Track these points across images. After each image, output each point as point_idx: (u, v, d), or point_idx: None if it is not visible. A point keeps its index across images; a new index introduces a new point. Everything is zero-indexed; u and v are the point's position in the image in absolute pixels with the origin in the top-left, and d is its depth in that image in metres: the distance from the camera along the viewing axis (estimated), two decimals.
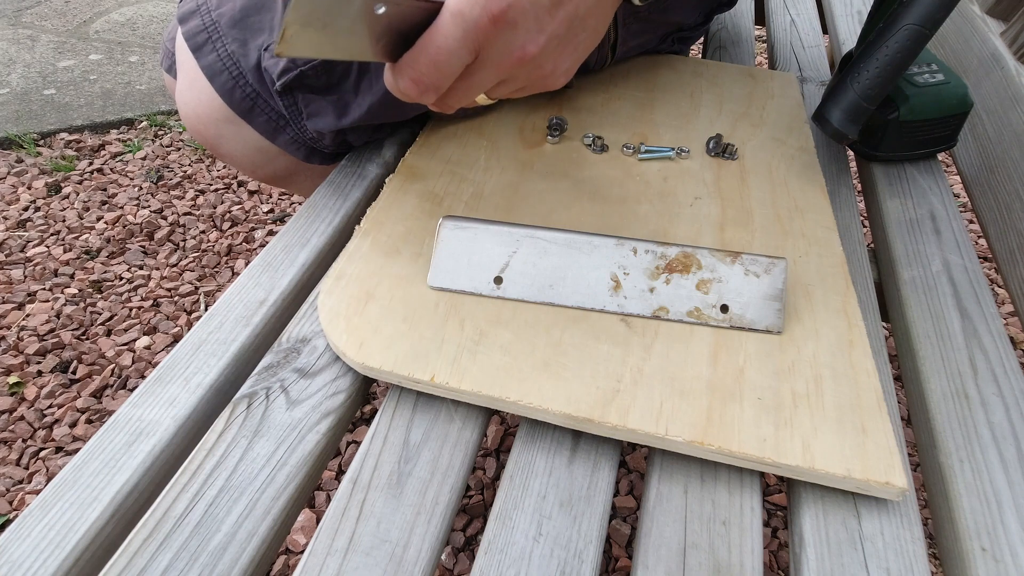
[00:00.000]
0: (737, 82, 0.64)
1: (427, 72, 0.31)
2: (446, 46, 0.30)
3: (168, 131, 1.49)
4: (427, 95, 0.32)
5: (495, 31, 0.31)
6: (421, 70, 0.31)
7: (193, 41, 0.50)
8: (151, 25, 1.91)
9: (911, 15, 0.44)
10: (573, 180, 0.49)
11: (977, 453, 0.35)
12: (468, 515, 0.79)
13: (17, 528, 0.30)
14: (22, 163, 1.36)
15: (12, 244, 1.16)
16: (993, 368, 0.39)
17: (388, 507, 0.32)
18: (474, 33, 0.31)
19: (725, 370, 0.36)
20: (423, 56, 0.30)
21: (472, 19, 0.30)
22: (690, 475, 0.34)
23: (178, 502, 0.31)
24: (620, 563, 0.74)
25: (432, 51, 0.30)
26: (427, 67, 0.31)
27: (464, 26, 0.30)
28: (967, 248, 0.48)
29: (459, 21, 0.30)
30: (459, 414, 0.36)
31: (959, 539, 0.31)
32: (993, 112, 0.62)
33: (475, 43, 0.31)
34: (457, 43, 0.30)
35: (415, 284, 0.40)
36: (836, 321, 0.39)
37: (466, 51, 0.31)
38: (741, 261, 0.38)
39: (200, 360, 0.38)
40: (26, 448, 0.84)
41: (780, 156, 0.53)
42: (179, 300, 1.07)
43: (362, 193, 0.51)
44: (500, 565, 0.30)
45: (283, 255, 0.45)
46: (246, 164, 0.60)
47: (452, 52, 0.30)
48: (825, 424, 0.33)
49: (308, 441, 0.34)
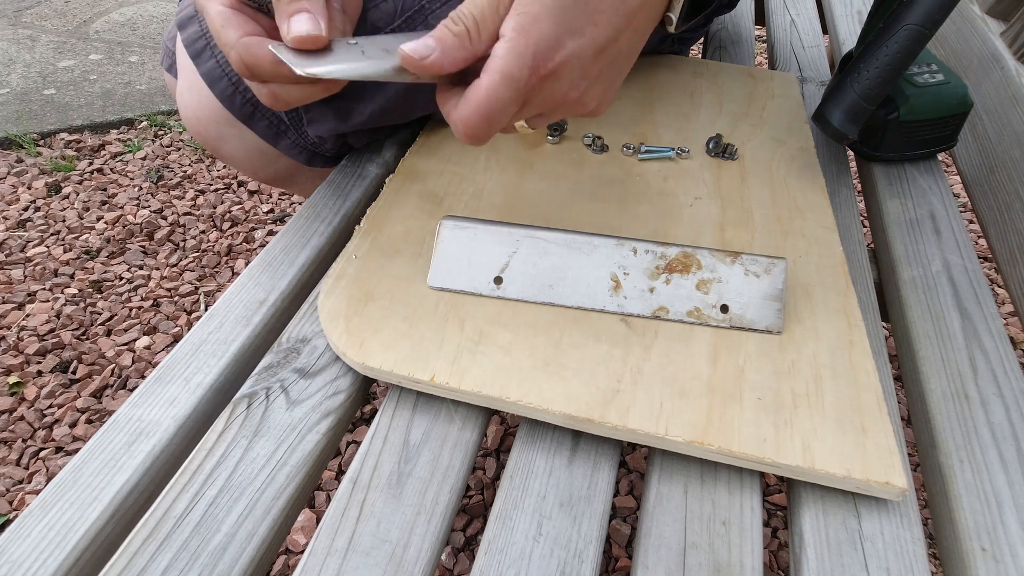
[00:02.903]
0: (737, 82, 0.64)
1: (479, 126, 0.32)
2: (497, 106, 0.31)
3: (168, 131, 1.49)
4: (477, 143, 0.34)
5: (541, 85, 0.33)
6: (473, 124, 0.32)
7: (192, 48, 0.50)
8: (151, 25, 1.91)
9: (911, 15, 0.44)
10: (573, 180, 0.49)
11: (977, 453, 0.35)
12: (468, 515, 0.79)
13: (17, 528, 0.30)
14: (22, 163, 1.36)
15: (12, 244, 1.16)
16: (993, 368, 0.39)
17: (388, 507, 0.32)
18: (524, 91, 0.32)
19: (725, 370, 0.36)
20: (475, 114, 0.31)
21: (523, 80, 0.31)
22: (690, 475, 0.34)
23: (178, 502, 0.31)
24: (620, 563, 0.74)
25: (484, 110, 0.31)
26: (479, 122, 0.32)
27: (515, 87, 0.31)
28: (967, 248, 0.48)
29: (509, 83, 0.31)
30: (459, 414, 0.36)
31: (959, 539, 0.31)
32: (993, 112, 0.62)
33: (524, 98, 0.33)
34: (507, 102, 0.31)
35: (415, 284, 0.40)
36: (836, 321, 0.39)
37: (515, 106, 0.32)
38: (741, 261, 0.38)
39: (200, 360, 0.38)
40: (26, 448, 0.84)
41: (780, 156, 0.53)
42: (179, 300, 1.07)
43: (362, 193, 0.51)
44: (500, 565, 0.30)
45: (283, 255, 0.45)
46: (247, 165, 0.60)
47: (503, 110, 0.32)
48: (825, 424, 0.33)
49: (308, 441, 0.34)
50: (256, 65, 0.35)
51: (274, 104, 0.38)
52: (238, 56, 0.35)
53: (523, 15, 0.31)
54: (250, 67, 0.35)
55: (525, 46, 0.30)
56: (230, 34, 0.35)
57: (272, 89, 0.37)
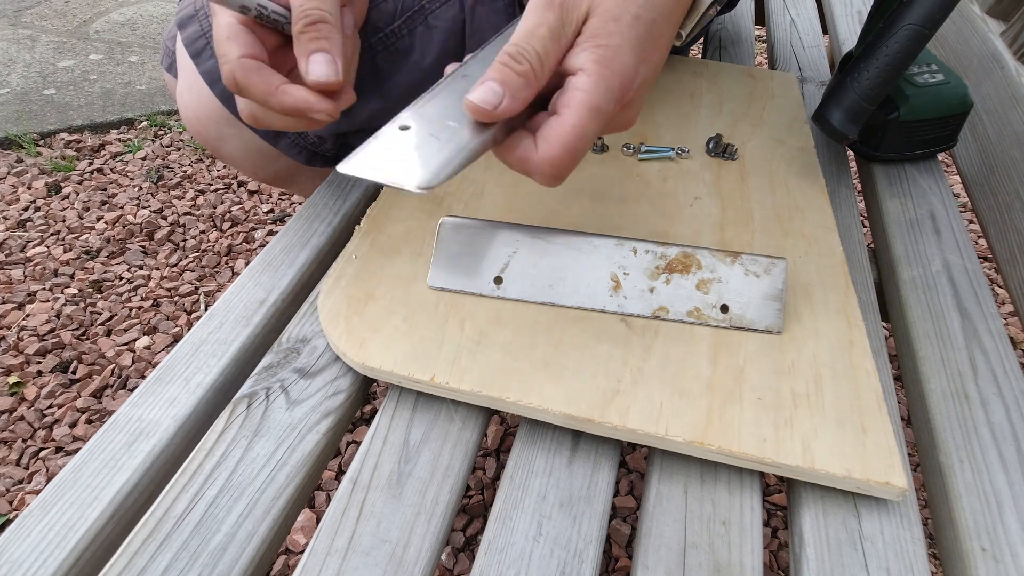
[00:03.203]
0: (737, 82, 0.64)
1: (567, 166, 0.31)
2: (586, 141, 0.30)
3: (168, 131, 1.49)
4: (559, 183, 0.33)
5: (618, 114, 0.32)
6: (562, 164, 0.30)
7: (192, 47, 0.50)
8: (151, 25, 1.91)
9: (911, 15, 0.44)
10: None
11: (977, 453, 0.35)
12: (468, 515, 0.79)
13: (17, 528, 0.30)
14: (22, 163, 1.36)
15: (12, 244, 1.16)
16: (993, 368, 0.39)
17: (388, 507, 0.32)
18: (607, 123, 0.31)
19: (725, 370, 0.36)
20: (565, 153, 0.30)
21: (609, 113, 0.30)
22: (690, 475, 0.34)
23: (178, 502, 0.31)
24: (620, 563, 0.74)
25: (572, 147, 0.30)
26: (569, 161, 0.30)
27: (602, 120, 0.30)
28: (967, 248, 0.48)
29: (597, 116, 0.30)
30: (459, 414, 0.36)
31: (959, 539, 0.31)
32: (993, 112, 0.62)
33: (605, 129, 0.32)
34: (593, 136, 0.30)
35: (415, 284, 0.40)
36: (836, 321, 0.39)
37: (597, 137, 0.32)
38: (741, 261, 0.38)
39: (200, 360, 0.38)
40: (26, 448, 0.84)
41: (780, 156, 0.53)
42: (179, 300, 1.07)
43: (362, 193, 0.51)
44: (500, 565, 0.30)
45: (283, 255, 0.45)
46: (247, 165, 0.60)
47: (589, 145, 0.31)
48: (825, 424, 0.33)
49: (308, 441, 0.34)
50: (247, 88, 0.35)
51: (252, 123, 0.39)
52: (231, 71, 0.35)
53: (605, 47, 0.30)
54: (241, 87, 0.35)
55: (611, 79, 0.30)
56: (232, 49, 0.35)
57: (253, 110, 0.38)
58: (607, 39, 0.30)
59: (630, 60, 0.30)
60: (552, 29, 0.30)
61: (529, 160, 0.31)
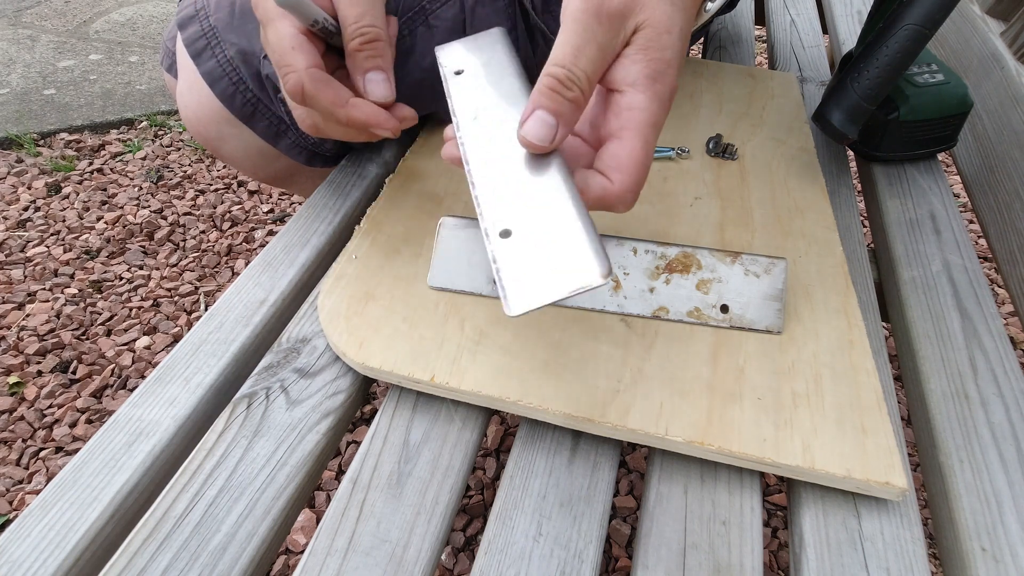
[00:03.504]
0: (737, 82, 0.64)
1: (641, 185, 0.30)
2: (651, 157, 0.30)
3: (168, 131, 1.49)
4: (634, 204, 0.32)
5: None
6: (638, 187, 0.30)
7: (193, 48, 0.50)
8: (151, 25, 1.91)
9: (911, 15, 0.44)
10: None
11: (977, 453, 0.35)
12: (468, 515, 0.79)
13: (17, 528, 0.30)
14: (22, 163, 1.36)
15: (12, 244, 1.16)
16: (993, 368, 0.39)
17: (388, 507, 0.32)
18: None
19: (725, 370, 0.36)
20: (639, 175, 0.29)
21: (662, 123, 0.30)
22: (690, 475, 0.34)
23: (178, 502, 0.31)
24: (620, 563, 0.74)
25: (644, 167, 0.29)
26: (642, 180, 0.30)
27: (659, 132, 0.30)
28: (967, 248, 0.48)
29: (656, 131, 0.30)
30: (459, 414, 0.36)
31: (959, 539, 0.31)
32: (993, 112, 0.62)
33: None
34: (654, 150, 0.30)
35: (415, 284, 0.40)
36: (836, 321, 0.39)
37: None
38: (741, 261, 0.38)
39: (200, 360, 0.38)
40: (26, 448, 0.84)
41: (780, 156, 0.53)
42: (179, 300, 1.07)
43: (362, 193, 0.51)
44: (500, 565, 0.30)
45: (283, 255, 0.45)
46: (247, 165, 0.60)
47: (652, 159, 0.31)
48: (825, 424, 0.33)
49: (308, 441, 0.34)
50: (315, 98, 0.35)
51: (312, 132, 0.39)
52: (299, 81, 0.34)
53: (658, 60, 0.29)
54: (308, 98, 0.35)
55: (663, 93, 0.29)
56: (299, 59, 0.34)
57: (316, 120, 0.38)
58: (660, 52, 0.29)
59: (675, 72, 0.30)
60: (602, 47, 0.29)
61: (608, 195, 0.30)
